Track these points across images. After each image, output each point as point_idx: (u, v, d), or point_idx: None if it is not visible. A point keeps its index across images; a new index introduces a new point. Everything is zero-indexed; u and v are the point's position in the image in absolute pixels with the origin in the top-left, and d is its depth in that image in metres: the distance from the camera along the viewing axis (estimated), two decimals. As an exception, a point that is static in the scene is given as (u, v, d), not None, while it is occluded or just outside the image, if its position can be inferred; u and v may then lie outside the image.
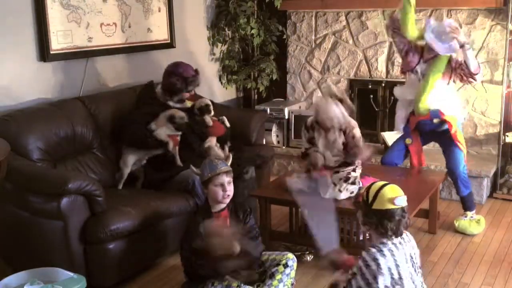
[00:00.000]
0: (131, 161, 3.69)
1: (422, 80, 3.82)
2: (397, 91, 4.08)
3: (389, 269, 2.24)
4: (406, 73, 3.95)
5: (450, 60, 3.77)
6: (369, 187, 2.37)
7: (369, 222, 2.33)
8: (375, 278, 2.23)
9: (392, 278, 2.23)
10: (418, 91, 3.82)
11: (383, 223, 2.28)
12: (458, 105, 3.97)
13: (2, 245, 3.33)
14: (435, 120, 3.84)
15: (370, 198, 2.32)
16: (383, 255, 2.24)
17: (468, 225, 3.92)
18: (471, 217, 3.95)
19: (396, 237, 2.31)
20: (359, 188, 3.33)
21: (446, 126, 3.83)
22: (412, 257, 2.34)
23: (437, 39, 3.66)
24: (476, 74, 3.72)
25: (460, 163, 3.85)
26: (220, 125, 3.96)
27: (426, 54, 3.81)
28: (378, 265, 2.23)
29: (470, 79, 3.78)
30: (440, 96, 3.80)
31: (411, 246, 2.37)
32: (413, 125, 3.91)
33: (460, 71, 3.76)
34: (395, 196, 2.30)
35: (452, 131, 3.81)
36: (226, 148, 3.86)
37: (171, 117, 3.68)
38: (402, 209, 2.30)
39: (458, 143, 3.82)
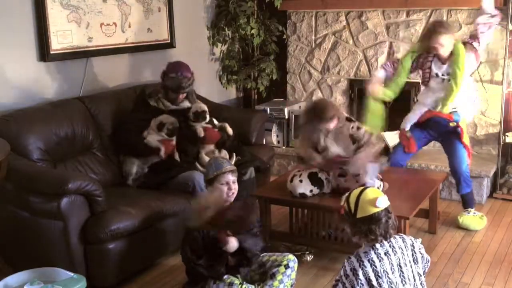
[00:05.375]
0: (134, 169, 3.69)
1: (448, 79, 3.77)
2: (422, 96, 4.00)
3: (368, 280, 2.22)
4: (429, 81, 3.89)
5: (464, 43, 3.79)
6: (347, 198, 2.35)
7: (358, 231, 2.30)
8: (352, 287, 2.22)
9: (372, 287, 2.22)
10: (448, 90, 3.76)
11: (372, 229, 2.26)
12: (471, 103, 3.97)
13: (2, 245, 3.33)
14: (452, 124, 3.84)
15: (353, 208, 2.30)
16: (363, 266, 2.23)
17: (471, 220, 3.94)
18: (474, 213, 3.97)
19: (386, 239, 2.29)
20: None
21: (458, 128, 3.84)
22: (401, 266, 2.29)
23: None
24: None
25: (464, 161, 3.86)
26: (213, 132, 3.91)
27: (442, 55, 3.78)
28: (356, 275, 2.22)
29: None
30: (463, 92, 3.79)
31: (404, 252, 2.32)
32: (424, 118, 3.90)
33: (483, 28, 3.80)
34: (375, 197, 2.28)
35: (463, 138, 3.85)
36: (224, 153, 3.86)
37: (161, 125, 3.71)
38: (386, 210, 2.29)
39: (464, 144, 3.85)
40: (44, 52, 3.74)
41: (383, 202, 2.28)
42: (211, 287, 2.79)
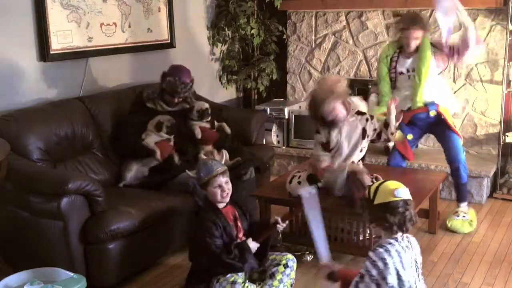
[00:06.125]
0: (129, 175, 3.68)
1: (413, 75, 3.78)
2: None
3: (397, 270, 2.23)
4: (395, 80, 3.90)
5: (435, 45, 3.75)
6: (369, 186, 2.40)
7: (374, 218, 2.34)
8: (384, 278, 2.22)
9: (399, 279, 2.23)
10: (413, 85, 3.78)
11: (386, 217, 2.28)
12: (450, 97, 3.99)
13: (2, 245, 3.33)
14: (432, 113, 3.83)
15: (372, 194, 2.33)
16: (390, 255, 2.24)
17: (460, 225, 3.93)
18: (463, 216, 3.96)
19: (402, 232, 2.31)
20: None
21: (441, 117, 3.84)
22: (416, 262, 2.34)
23: (445, 15, 3.63)
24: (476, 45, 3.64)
25: (461, 149, 3.87)
26: (211, 132, 3.92)
27: (408, 50, 3.78)
28: (385, 264, 2.22)
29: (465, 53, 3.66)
30: (434, 86, 3.79)
31: (416, 252, 2.37)
32: (407, 119, 3.88)
33: (452, 51, 3.70)
34: (395, 188, 2.30)
35: (450, 122, 3.84)
36: (223, 153, 3.86)
37: (159, 124, 3.69)
38: (405, 201, 2.29)
39: (455, 131, 3.86)
40: (44, 52, 3.74)
41: (401, 193, 2.30)
42: (214, 286, 2.80)
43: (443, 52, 3.75)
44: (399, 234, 2.31)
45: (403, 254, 2.26)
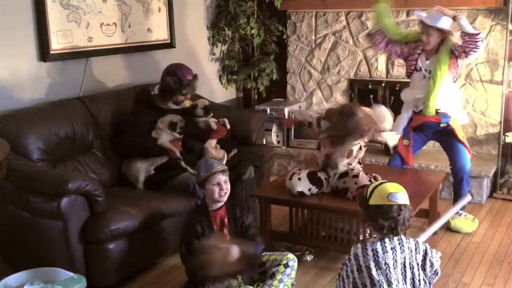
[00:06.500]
0: (142, 174, 3.66)
1: (428, 76, 3.76)
2: (403, 94, 4.01)
3: (368, 268, 2.24)
4: (412, 74, 3.91)
5: (451, 50, 3.73)
6: (369, 185, 2.40)
7: (367, 218, 2.35)
8: (352, 272, 2.28)
9: (371, 278, 2.24)
10: (427, 88, 3.74)
11: (377, 219, 2.28)
12: (460, 107, 3.98)
13: (2, 245, 3.33)
14: (443, 125, 3.83)
15: (368, 194, 2.34)
16: (365, 253, 2.26)
17: (463, 223, 3.93)
18: (466, 215, 3.97)
19: (393, 234, 2.30)
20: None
21: (449, 127, 3.83)
22: (405, 266, 2.29)
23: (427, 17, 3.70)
24: (478, 34, 3.58)
25: (468, 159, 3.86)
26: (222, 127, 3.95)
27: (428, 51, 3.79)
28: (357, 260, 2.26)
29: (473, 47, 3.60)
30: (446, 94, 3.77)
31: (413, 256, 2.32)
32: (415, 123, 3.89)
33: (461, 48, 3.66)
34: (392, 191, 2.29)
35: (458, 133, 3.83)
36: (222, 150, 3.86)
37: (172, 124, 3.68)
38: (399, 206, 2.28)
39: (462, 142, 3.85)
40: (44, 52, 3.74)
41: (396, 198, 2.28)
42: (209, 288, 2.80)
43: (454, 56, 3.72)
44: (389, 235, 2.31)
45: (381, 254, 2.25)
